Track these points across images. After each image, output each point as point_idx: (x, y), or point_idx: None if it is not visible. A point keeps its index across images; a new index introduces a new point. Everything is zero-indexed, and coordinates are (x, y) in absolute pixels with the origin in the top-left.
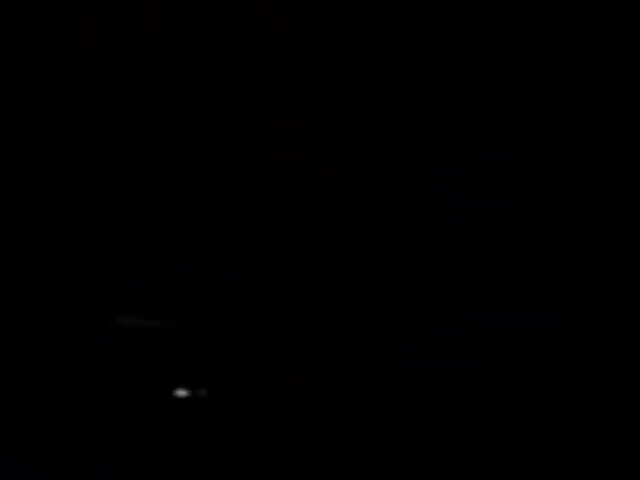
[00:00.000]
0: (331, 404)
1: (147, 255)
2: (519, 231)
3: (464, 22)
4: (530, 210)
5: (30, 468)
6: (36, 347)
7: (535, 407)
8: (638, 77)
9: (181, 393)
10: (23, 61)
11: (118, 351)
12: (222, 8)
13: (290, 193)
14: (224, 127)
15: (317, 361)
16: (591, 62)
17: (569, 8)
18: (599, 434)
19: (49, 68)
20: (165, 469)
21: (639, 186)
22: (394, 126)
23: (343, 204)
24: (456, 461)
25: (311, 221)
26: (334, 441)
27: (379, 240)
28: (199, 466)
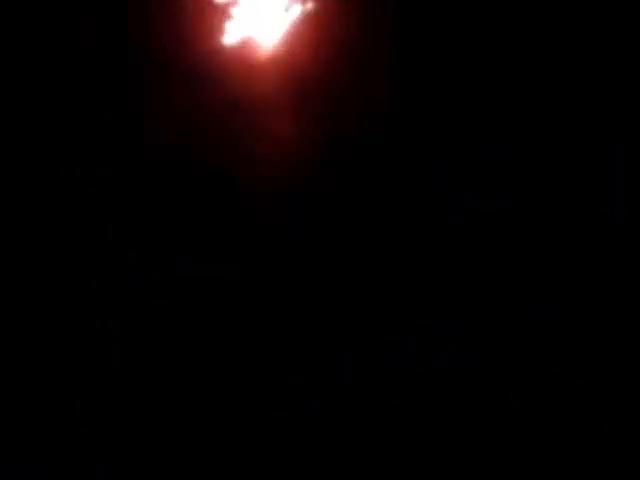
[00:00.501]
0: (331, 404)
1: (147, 255)
2: (519, 231)
3: (464, 22)
4: (530, 210)
5: (30, 468)
6: (36, 347)
7: (535, 407)
8: (638, 77)
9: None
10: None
11: (118, 351)
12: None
13: (290, 193)
14: (224, 127)
15: (317, 361)
16: (591, 62)
17: (569, 8)
18: (599, 434)
19: (49, 67)
20: (165, 469)
21: (639, 186)
22: (394, 126)
23: (343, 204)
24: (456, 461)
25: (311, 221)
26: (334, 441)
27: (379, 240)
28: (199, 466)
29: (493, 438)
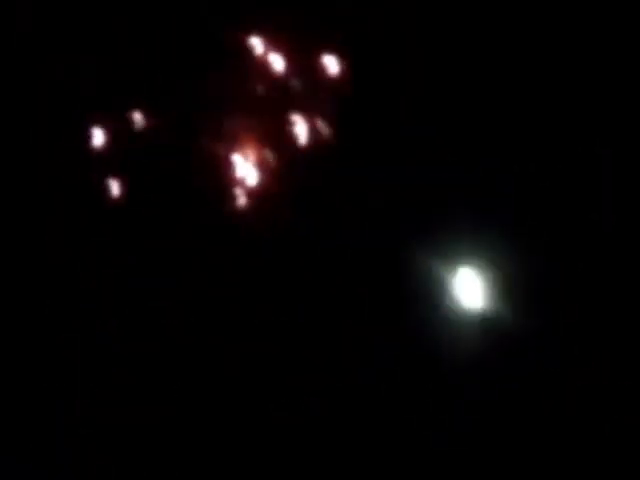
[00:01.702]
0: (331, 404)
1: (147, 254)
2: (508, 236)
3: (457, 32)
4: (517, 216)
5: (30, 468)
6: (36, 347)
7: (535, 407)
8: (625, 87)
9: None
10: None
11: (118, 351)
12: None
13: (288, 199)
14: (224, 128)
15: (317, 361)
16: (578, 72)
17: (559, 21)
18: (599, 434)
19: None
20: (165, 469)
21: (627, 194)
22: (381, 137)
23: (343, 209)
24: (456, 461)
25: (310, 225)
26: (334, 441)
27: (379, 243)
28: (199, 466)
29: (493, 438)
